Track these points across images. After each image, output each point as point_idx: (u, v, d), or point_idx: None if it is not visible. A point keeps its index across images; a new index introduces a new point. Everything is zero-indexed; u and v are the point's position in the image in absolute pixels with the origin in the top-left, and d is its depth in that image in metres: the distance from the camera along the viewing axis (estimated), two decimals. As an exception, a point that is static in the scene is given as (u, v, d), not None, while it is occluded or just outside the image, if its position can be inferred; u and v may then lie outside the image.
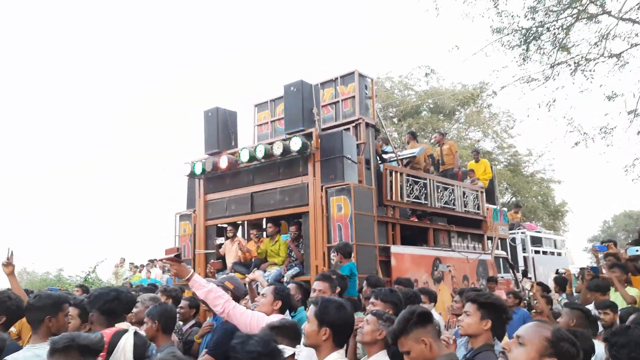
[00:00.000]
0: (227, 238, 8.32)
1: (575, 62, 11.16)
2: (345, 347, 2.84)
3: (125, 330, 2.40)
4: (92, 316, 2.97)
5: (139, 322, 3.72)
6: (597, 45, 11.06)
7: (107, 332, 2.37)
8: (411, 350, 2.43)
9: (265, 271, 7.38)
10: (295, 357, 2.84)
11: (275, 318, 3.31)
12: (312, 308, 2.67)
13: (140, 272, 15.50)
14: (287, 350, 2.75)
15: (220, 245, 8.37)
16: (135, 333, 2.39)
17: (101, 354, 2.25)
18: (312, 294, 4.20)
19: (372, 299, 3.68)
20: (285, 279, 6.98)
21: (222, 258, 8.23)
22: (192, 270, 3.38)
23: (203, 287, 3.23)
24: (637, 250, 6.26)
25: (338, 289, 4.16)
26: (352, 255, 6.23)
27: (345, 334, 2.68)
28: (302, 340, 2.70)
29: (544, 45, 11.08)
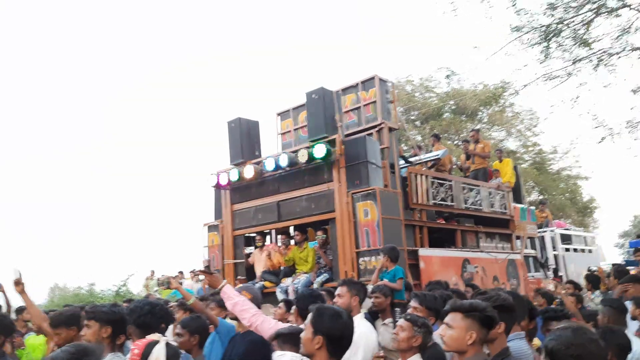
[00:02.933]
0: (255, 247, 8.40)
1: (597, 57, 10.98)
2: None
3: (157, 342, 2.43)
4: (129, 328, 3.09)
5: None
6: (619, 40, 10.87)
7: (139, 344, 2.41)
8: None
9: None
10: None
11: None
12: (309, 315, 2.55)
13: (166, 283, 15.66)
14: (286, 357, 2.74)
15: (249, 255, 8.45)
16: (167, 344, 2.43)
17: None
18: (335, 300, 4.16)
19: (414, 303, 3.61)
20: (315, 286, 7.02)
21: (251, 267, 8.30)
22: (224, 281, 3.48)
23: (231, 299, 3.32)
24: (671, 246, 6.14)
25: (357, 299, 4.03)
26: (378, 260, 6.23)
27: (341, 345, 2.50)
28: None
29: (564, 41, 10.94)
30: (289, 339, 2.81)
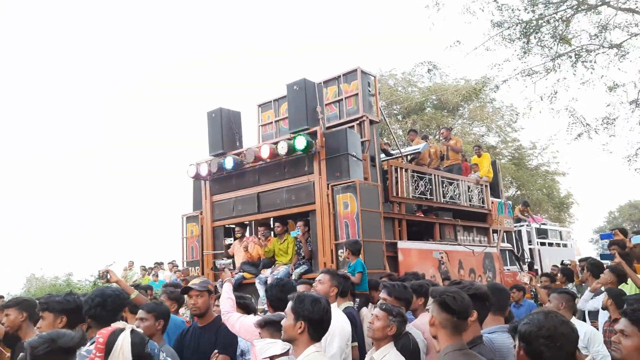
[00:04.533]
0: (235, 238, 8.38)
1: (576, 54, 11.17)
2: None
3: (122, 329, 2.38)
4: (87, 321, 2.98)
5: None
6: (597, 37, 11.07)
7: (104, 332, 2.34)
8: None
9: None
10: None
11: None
12: (290, 303, 2.68)
13: (149, 274, 15.57)
14: (278, 345, 2.84)
15: (229, 246, 8.43)
16: (133, 331, 2.39)
17: (99, 354, 2.27)
18: (314, 285, 4.27)
19: (384, 294, 3.68)
20: (293, 277, 7.04)
21: (231, 258, 8.29)
22: (227, 278, 4.11)
23: (225, 294, 3.89)
24: (641, 239, 6.29)
25: (335, 290, 4.12)
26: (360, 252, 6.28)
27: (322, 328, 2.65)
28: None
29: (544, 37, 11.10)
30: (277, 327, 2.89)
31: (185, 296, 4.02)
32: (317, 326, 2.63)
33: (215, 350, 3.60)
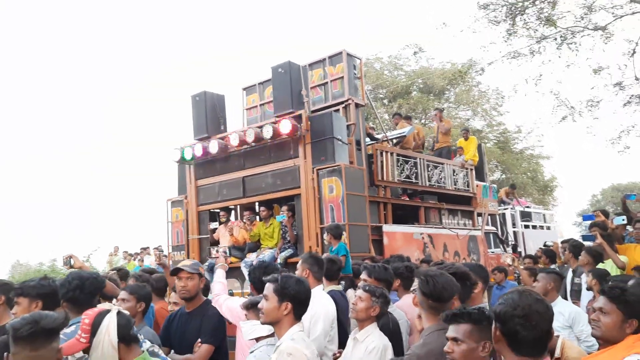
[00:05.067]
0: (220, 223, 8.35)
1: (561, 36, 11.20)
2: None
3: (108, 311, 2.36)
4: (63, 305, 2.92)
5: None
6: (583, 19, 11.09)
7: (89, 313, 2.32)
8: None
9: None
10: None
11: None
12: (269, 286, 2.67)
13: (134, 259, 15.52)
14: (264, 327, 2.86)
15: (214, 230, 8.40)
16: (119, 312, 2.37)
17: (84, 335, 2.25)
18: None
19: (364, 276, 3.71)
20: (279, 261, 7.05)
21: (217, 243, 8.26)
22: (221, 264, 4.31)
23: (216, 279, 4.14)
24: (622, 220, 6.38)
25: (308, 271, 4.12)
26: (344, 236, 6.31)
27: (305, 308, 2.70)
28: (260, 319, 2.69)
29: (529, 19, 11.10)
30: (255, 310, 2.95)
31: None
32: (301, 306, 2.67)
33: (199, 340, 3.50)
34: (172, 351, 3.54)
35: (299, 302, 2.64)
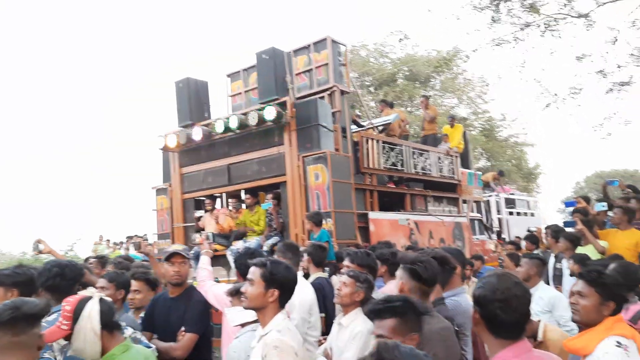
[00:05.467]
0: (206, 211, 8.31)
1: (544, 24, 11.25)
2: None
3: (90, 297, 2.33)
4: (40, 293, 2.85)
5: None
6: (566, 6, 11.14)
7: (70, 300, 2.29)
8: None
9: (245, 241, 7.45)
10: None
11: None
12: (256, 270, 2.58)
13: (119, 248, 15.41)
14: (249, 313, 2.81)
15: (199, 218, 8.36)
16: (101, 299, 2.34)
17: (65, 322, 2.24)
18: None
19: (347, 262, 3.72)
20: (265, 248, 7.04)
21: (202, 230, 8.22)
22: (205, 251, 4.32)
23: (201, 265, 4.13)
24: (603, 206, 6.46)
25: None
26: (327, 222, 6.35)
27: (289, 295, 2.63)
28: (243, 303, 2.62)
29: (513, 6, 11.13)
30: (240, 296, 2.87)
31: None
32: (287, 294, 2.61)
33: (182, 328, 3.45)
34: (155, 336, 3.50)
35: (285, 290, 2.57)
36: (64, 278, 2.85)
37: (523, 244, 8.93)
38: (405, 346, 1.38)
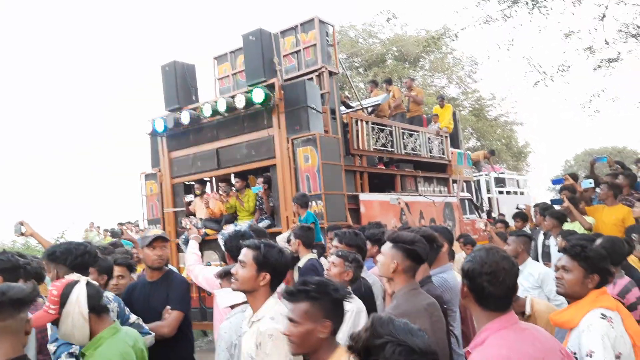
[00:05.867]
0: (196, 195, 8.29)
1: (532, 0, 11.17)
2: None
3: (77, 281, 2.33)
4: (60, 272, 2.79)
5: None
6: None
7: (57, 285, 2.28)
8: None
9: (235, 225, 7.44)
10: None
11: None
12: (248, 252, 2.56)
13: (110, 235, 15.37)
14: (239, 295, 2.79)
15: (190, 203, 8.34)
16: (88, 283, 2.33)
17: (53, 307, 2.23)
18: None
19: (335, 242, 3.75)
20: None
21: (193, 215, 8.21)
22: (194, 235, 4.50)
23: (190, 250, 4.29)
24: (590, 183, 6.52)
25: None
26: (318, 204, 6.34)
27: (281, 279, 2.61)
28: (233, 285, 2.59)
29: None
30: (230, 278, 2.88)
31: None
32: (279, 278, 2.58)
33: (168, 306, 3.45)
34: None
35: (277, 274, 2.55)
36: (90, 255, 2.91)
37: (511, 222, 9.03)
38: (400, 320, 1.38)
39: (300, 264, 4.62)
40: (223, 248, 7.06)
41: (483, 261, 1.80)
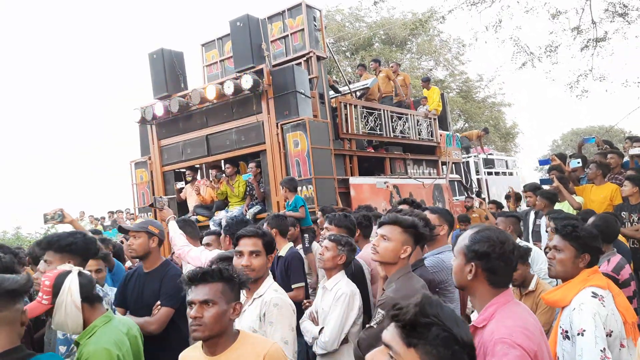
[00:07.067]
0: (186, 182, 8.27)
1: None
2: None
3: (69, 271, 2.33)
4: (70, 260, 2.72)
5: None
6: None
7: (49, 275, 2.26)
8: None
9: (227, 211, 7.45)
10: None
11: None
12: (257, 242, 2.67)
13: (101, 224, 15.31)
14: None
15: (181, 190, 8.32)
16: (80, 273, 2.33)
17: (46, 297, 2.22)
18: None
19: (326, 224, 3.77)
20: (247, 217, 7.05)
21: (184, 202, 8.20)
22: (170, 216, 4.10)
23: (172, 232, 3.97)
24: (578, 163, 6.60)
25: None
26: (309, 189, 6.35)
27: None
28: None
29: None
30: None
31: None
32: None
33: (158, 302, 3.34)
34: (128, 312, 3.41)
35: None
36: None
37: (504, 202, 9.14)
38: (448, 306, 1.32)
39: (282, 253, 4.31)
40: (223, 233, 7.10)
41: (496, 242, 1.82)
